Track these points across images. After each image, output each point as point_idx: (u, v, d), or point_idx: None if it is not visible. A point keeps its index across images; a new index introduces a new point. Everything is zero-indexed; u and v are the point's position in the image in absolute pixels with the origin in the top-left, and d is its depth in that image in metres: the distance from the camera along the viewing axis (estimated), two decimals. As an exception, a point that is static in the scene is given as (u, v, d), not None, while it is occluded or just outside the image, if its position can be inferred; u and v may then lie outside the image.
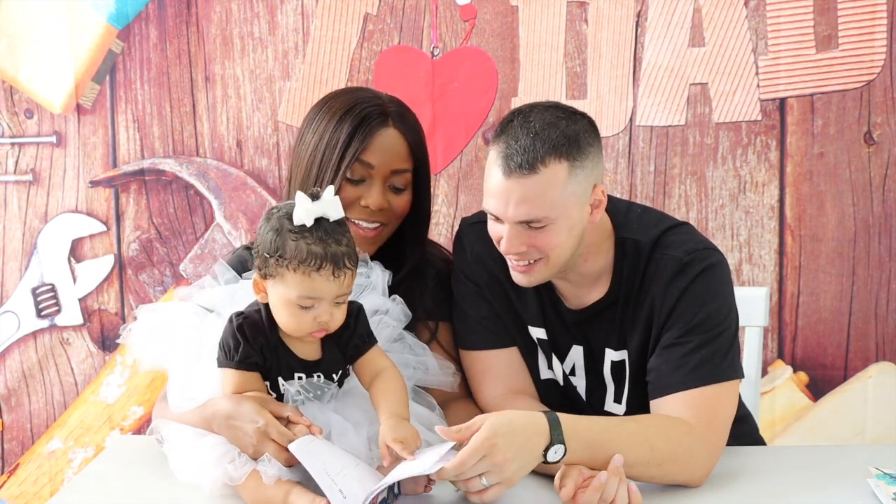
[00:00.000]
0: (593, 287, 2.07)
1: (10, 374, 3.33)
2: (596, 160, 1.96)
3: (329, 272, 1.79)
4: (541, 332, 2.14)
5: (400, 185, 2.12)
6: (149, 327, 2.01)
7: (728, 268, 2.05)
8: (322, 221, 1.81)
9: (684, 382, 1.94)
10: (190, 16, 3.20)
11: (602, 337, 2.08)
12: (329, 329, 1.85)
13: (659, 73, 3.13)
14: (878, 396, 3.15)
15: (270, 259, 1.80)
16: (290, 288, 1.80)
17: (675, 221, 2.08)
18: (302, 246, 1.78)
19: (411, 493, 1.84)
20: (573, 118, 1.95)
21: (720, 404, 1.95)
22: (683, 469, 1.89)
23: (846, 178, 3.12)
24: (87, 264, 3.30)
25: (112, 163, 3.26)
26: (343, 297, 1.83)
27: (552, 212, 1.91)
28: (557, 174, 1.89)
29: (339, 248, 1.80)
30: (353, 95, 2.15)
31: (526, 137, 1.89)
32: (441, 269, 2.21)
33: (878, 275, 3.13)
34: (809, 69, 3.10)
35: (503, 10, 3.15)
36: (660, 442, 1.86)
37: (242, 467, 1.81)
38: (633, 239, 2.04)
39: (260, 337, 1.85)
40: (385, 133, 2.09)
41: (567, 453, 1.80)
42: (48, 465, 3.34)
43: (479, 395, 2.14)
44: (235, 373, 1.86)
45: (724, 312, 1.99)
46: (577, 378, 2.15)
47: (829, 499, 1.86)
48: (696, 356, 1.94)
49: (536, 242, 1.94)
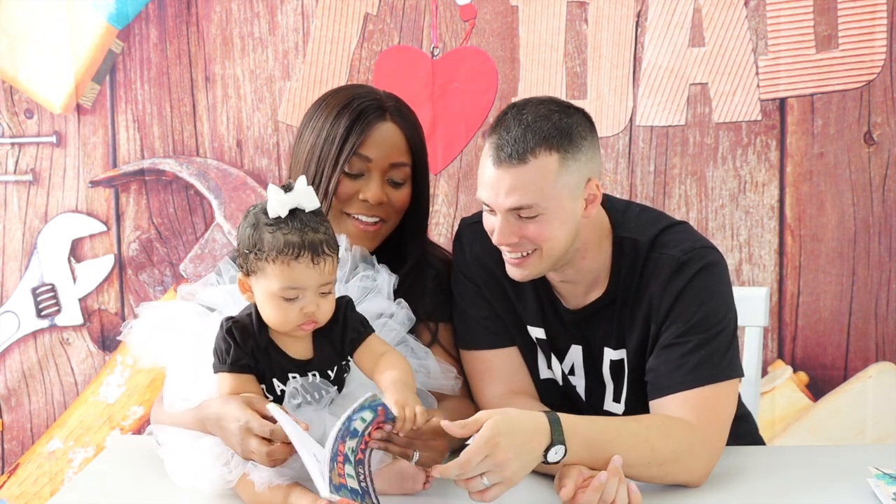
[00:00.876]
0: (592, 287, 2.07)
1: (10, 374, 3.33)
2: (590, 154, 1.96)
3: (308, 260, 1.78)
4: (540, 332, 2.14)
5: (399, 179, 2.12)
6: (150, 324, 2.01)
7: (726, 266, 2.05)
8: (297, 212, 1.81)
9: (684, 383, 1.94)
10: (190, 16, 3.20)
11: (601, 336, 2.09)
12: (318, 321, 1.84)
13: (659, 73, 3.13)
14: (878, 396, 3.15)
15: (250, 255, 1.81)
16: (272, 280, 1.79)
17: (673, 220, 2.08)
18: (278, 236, 1.78)
19: (410, 491, 1.85)
20: (567, 112, 1.96)
21: (720, 404, 1.95)
22: (684, 469, 1.89)
23: (846, 178, 3.12)
24: (87, 264, 3.30)
25: (112, 163, 3.26)
26: (327, 285, 1.82)
27: (542, 201, 1.91)
28: (548, 165, 1.90)
29: (317, 236, 1.79)
30: (351, 91, 2.15)
31: (517, 129, 1.91)
32: (440, 269, 2.21)
33: (878, 275, 3.13)
34: (809, 69, 3.10)
35: (503, 10, 3.15)
36: (660, 442, 1.86)
37: (236, 469, 1.82)
38: (631, 238, 2.04)
39: (250, 340, 1.85)
40: (383, 127, 2.10)
41: (567, 454, 1.80)
42: (48, 465, 3.34)
43: (479, 394, 2.14)
44: (229, 376, 1.85)
45: (722, 311, 1.99)
46: (576, 378, 2.15)
47: (829, 499, 1.86)
48: (696, 356, 1.94)
49: (528, 233, 1.94)
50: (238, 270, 1.92)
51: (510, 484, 1.77)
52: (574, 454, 1.81)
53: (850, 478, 1.91)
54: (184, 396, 1.93)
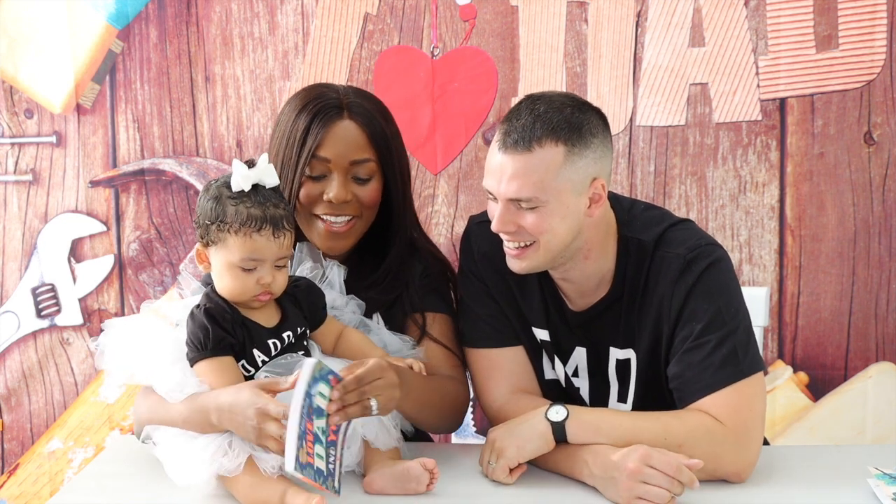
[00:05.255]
0: (597, 288, 2.07)
1: (10, 374, 3.33)
2: (600, 153, 1.96)
3: (269, 233, 1.88)
4: (544, 334, 2.14)
5: (363, 175, 2.12)
6: (117, 343, 2.00)
7: (731, 262, 2.05)
8: (259, 188, 1.91)
9: (711, 385, 1.93)
10: (190, 16, 3.20)
11: (607, 336, 2.08)
12: (273, 292, 1.92)
13: (659, 73, 3.13)
14: (878, 396, 3.15)
15: (212, 226, 1.89)
16: (233, 251, 1.89)
17: (677, 219, 2.08)
18: (242, 209, 1.88)
19: (413, 492, 1.85)
20: (582, 108, 1.97)
21: (749, 400, 1.94)
22: (711, 456, 1.86)
23: (846, 178, 3.11)
24: (87, 264, 3.30)
25: (112, 163, 3.26)
26: (283, 259, 1.93)
27: (543, 193, 1.92)
28: (553, 156, 1.91)
29: (278, 211, 1.90)
30: (310, 92, 2.16)
31: (528, 117, 1.93)
32: (430, 264, 2.21)
33: (878, 275, 3.13)
34: (809, 69, 3.10)
35: (503, 10, 3.15)
36: (673, 423, 1.89)
37: (237, 458, 1.82)
38: (636, 238, 2.04)
39: (226, 314, 1.90)
40: (339, 125, 2.10)
41: (569, 415, 1.88)
42: (48, 465, 3.34)
43: (485, 394, 2.14)
44: (211, 361, 1.89)
45: (735, 305, 1.98)
46: (580, 380, 2.15)
47: (829, 499, 1.86)
48: (718, 355, 1.93)
49: (526, 223, 1.94)
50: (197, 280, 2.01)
51: (508, 456, 1.87)
52: (575, 418, 1.89)
53: (850, 478, 1.91)
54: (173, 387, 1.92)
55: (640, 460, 1.80)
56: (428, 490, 1.85)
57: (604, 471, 1.84)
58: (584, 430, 1.90)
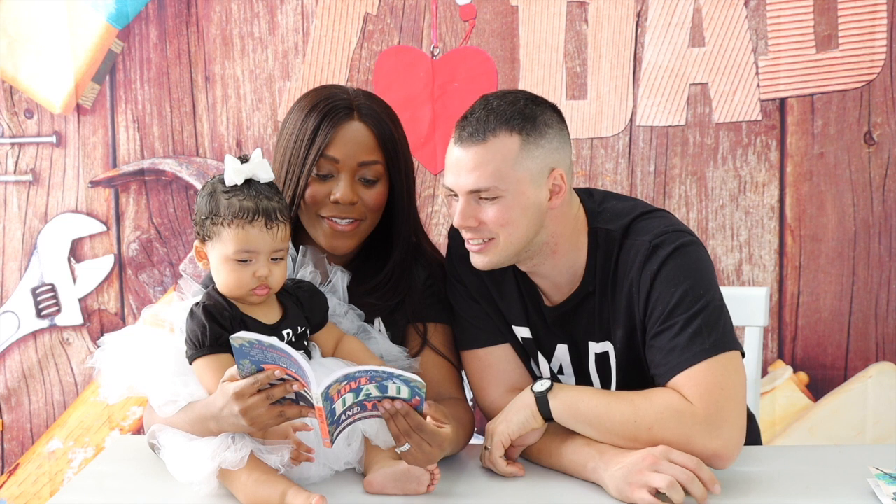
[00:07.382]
0: (571, 282, 2.07)
1: (10, 374, 3.33)
2: (557, 144, 1.97)
3: (262, 224, 1.89)
4: (525, 332, 2.14)
5: (370, 176, 2.12)
6: (114, 359, 2.00)
7: (703, 249, 2.02)
8: (252, 182, 1.92)
9: (678, 365, 1.92)
10: (190, 16, 3.20)
11: (584, 330, 2.08)
12: (271, 286, 1.93)
13: (659, 73, 3.13)
14: (878, 396, 3.15)
15: (207, 220, 1.91)
16: (227, 244, 1.90)
17: (650, 208, 2.07)
18: (234, 202, 1.90)
19: (414, 492, 1.85)
20: (536, 102, 2.00)
21: (718, 378, 1.91)
22: (680, 437, 1.86)
23: (846, 178, 3.12)
24: (87, 264, 3.30)
25: (112, 163, 3.26)
26: (279, 252, 1.93)
27: (501, 182, 1.93)
28: (508, 146, 1.93)
29: (271, 203, 1.91)
30: (320, 93, 2.16)
31: (482, 111, 1.96)
32: (434, 272, 2.21)
33: (878, 275, 3.13)
34: (809, 69, 3.10)
35: (503, 10, 3.15)
36: (643, 402, 1.89)
37: (241, 450, 1.82)
38: (604, 228, 2.03)
39: (224, 311, 1.91)
40: (349, 126, 2.10)
41: (552, 388, 1.92)
42: (48, 465, 3.34)
43: (483, 397, 2.14)
44: (210, 358, 1.89)
45: (702, 287, 1.96)
46: (565, 377, 2.15)
47: (829, 499, 1.86)
48: (684, 336, 1.92)
49: (487, 217, 1.95)
50: (199, 285, 2.00)
51: (499, 432, 1.93)
52: (559, 390, 1.93)
53: (850, 478, 1.91)
54: (169, 399, 1.92)
55: (661, 453, 1.82)
56: (428, 491, 1.85)
57: (616, 466, 1.85)
58: (564, 403, 1.93)
